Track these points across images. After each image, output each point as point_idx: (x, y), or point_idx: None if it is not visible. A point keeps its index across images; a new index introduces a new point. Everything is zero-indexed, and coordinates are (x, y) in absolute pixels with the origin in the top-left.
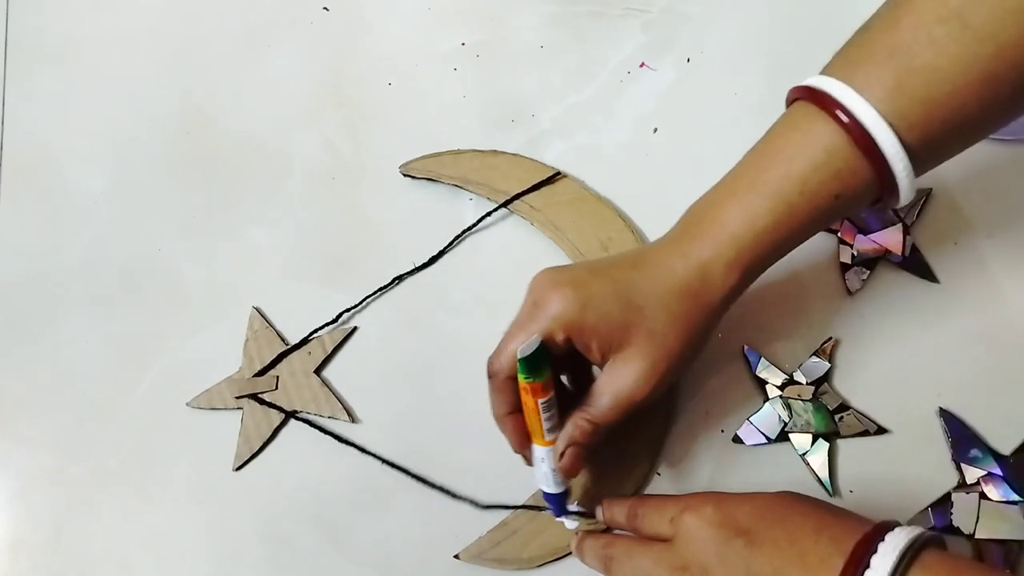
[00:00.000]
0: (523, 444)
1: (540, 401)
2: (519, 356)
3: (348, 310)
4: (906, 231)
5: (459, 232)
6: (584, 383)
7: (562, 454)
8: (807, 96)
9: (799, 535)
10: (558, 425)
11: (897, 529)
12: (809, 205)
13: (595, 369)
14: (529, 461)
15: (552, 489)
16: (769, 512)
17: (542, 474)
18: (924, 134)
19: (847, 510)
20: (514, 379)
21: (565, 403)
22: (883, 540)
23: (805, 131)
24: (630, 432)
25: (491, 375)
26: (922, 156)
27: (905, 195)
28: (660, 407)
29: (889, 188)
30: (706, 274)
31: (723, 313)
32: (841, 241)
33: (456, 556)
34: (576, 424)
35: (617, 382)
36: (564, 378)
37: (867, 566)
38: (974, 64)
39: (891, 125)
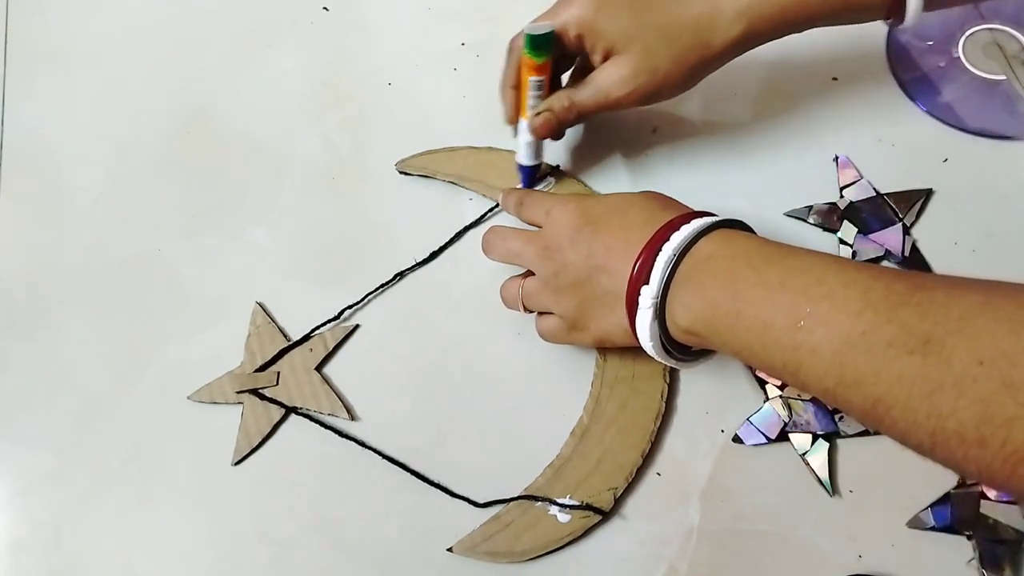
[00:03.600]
0: (515, 116)
1: (531, 79)
2: (527, 33)
3: (350, 307)
4: (906, 231)
5: (459, 229)
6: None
7: (538, 114)
8: None
9: (632, 222)
10: None
11: (705, 217)
12: None
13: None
14: (516, 132)
15: (526, 161)
16: (617, 207)
17: (521, 146)
18: None
19: (690, 208)
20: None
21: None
22: (688, 223)
23: None
24: (624, 428)
25: (510, 49)
26: None
27: (912, 8)
28: (655, 406)
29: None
30: (715, 16)
31: (719, 63)
32: (841, 241)
33: (449, 549)
34: (559, 97)
35: (603, 76)
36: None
37: (666, 240)
38: None
39: None
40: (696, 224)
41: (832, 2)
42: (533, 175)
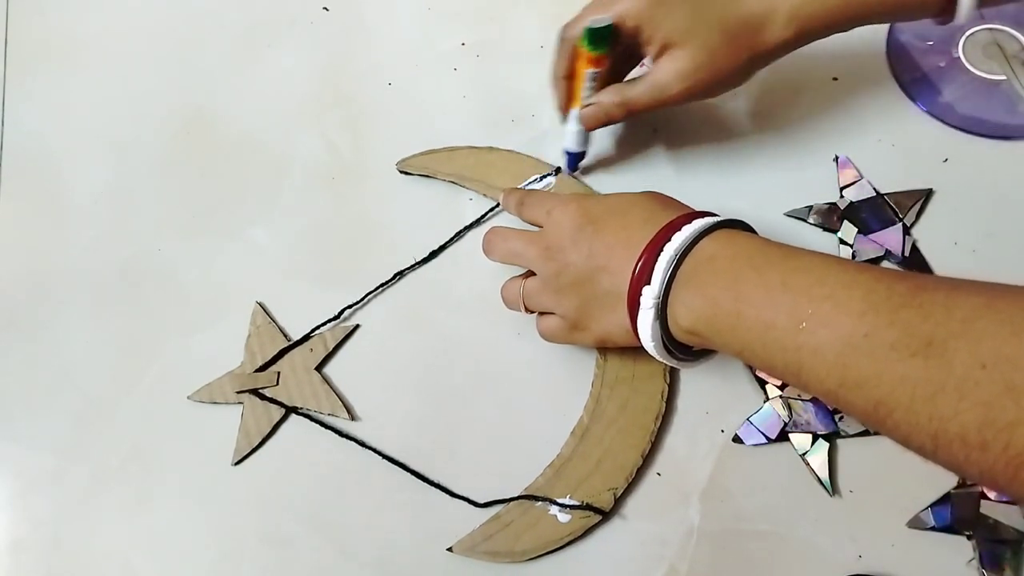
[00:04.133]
0: (567, 105)
1: (588, 71)
2: (587, 26)
3: (350, 307)
4: (906, 231)
5: (459, 229)
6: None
7: (588, 106)
8: None
9: (633, 222)
10: None
11: (707, 217)
12: None
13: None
14: (565, 120)
15: (574, 148)
16: (618, 207)
17: (569, 133)
18: None
19: (691, 208)
20: (577, 48)
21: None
22: (689, 223)
23: None
24: (625, 428)
25: (562, 39)
26: None
27: (965, 2)
28: (655, 405)
29: None
30: (769, 15)
31: (771, 59)
32: (841, 241)
33: (449, 549)
34: (610, 91)
35: (659, 71)
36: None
37: (668, 240)
38: None
39: None
40: (698, 224)
41: (886, 1)
42: (577, 161)
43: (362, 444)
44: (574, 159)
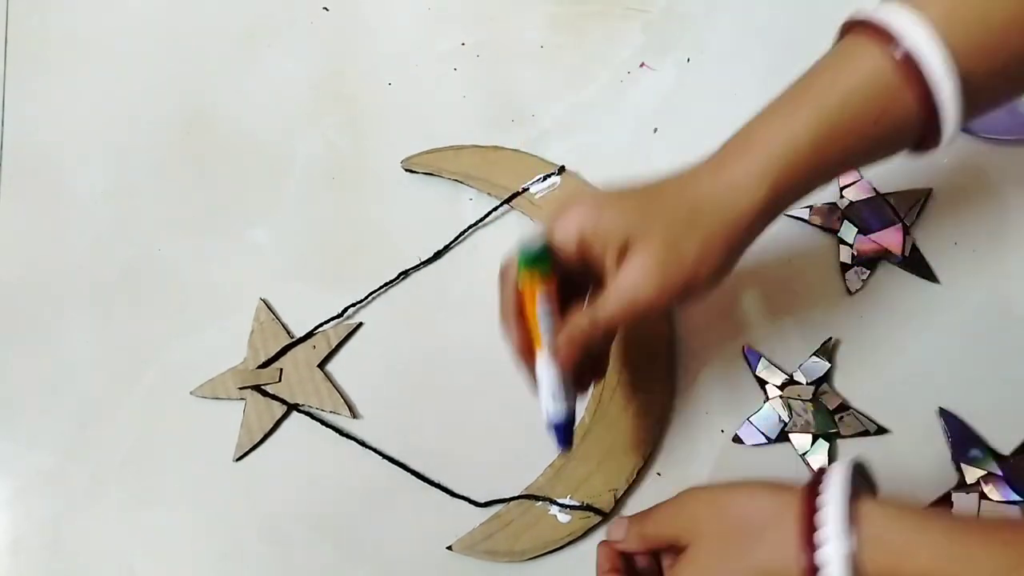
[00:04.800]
0: (525, 349)
1: (540, 304)
2: (519, 251)
3: (353, 305)
4: (906, 231)
5: (463, 228)
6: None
7: (559, 348)
8: (856, 25)
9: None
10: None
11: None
12: (848, 126)
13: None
14: (534, 378)
15: (552, 408)
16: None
17: (543, 394)
18: (973, 63)
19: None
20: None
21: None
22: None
23: (849, 54)
24: (625, 428)
25: (502, 274)
26: (969, 87)
27: (948, 130)
28: (656, 406)
29: (931, 122)
30: (735, 187)
31: (750, 238)
32: (841, 241)
33: (449, 547)
34: (578, 320)
35: (624, 279)
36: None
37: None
38: None
39: (940, 50)
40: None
41: (858, 136)
42: (569, 431)
43: (362, 444)
44: (563, 430)
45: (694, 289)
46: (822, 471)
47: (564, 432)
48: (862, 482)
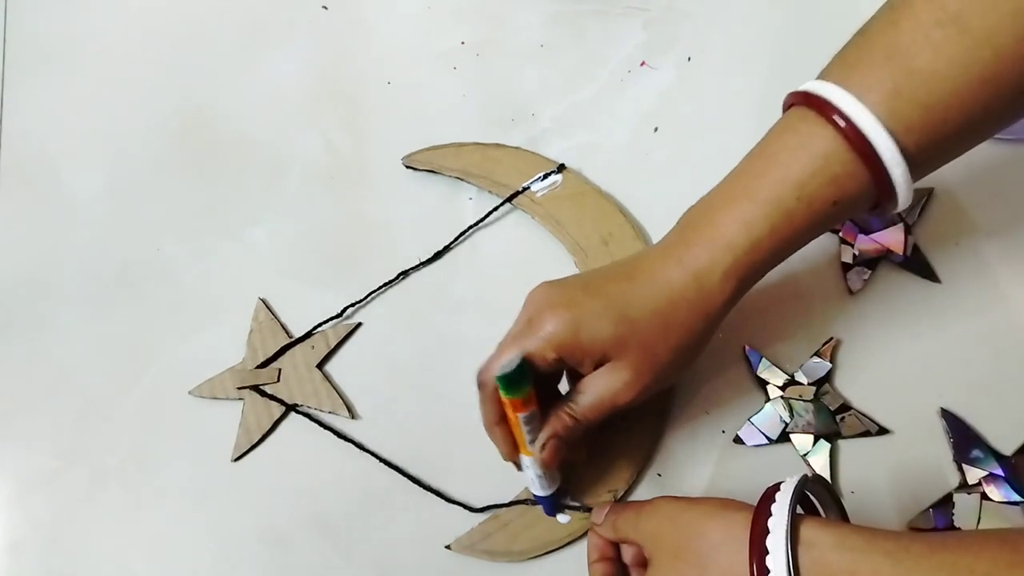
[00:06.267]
0: (511, 453)
1: (520, 415)
2: (496, 375)
3: (352, 304)
4: (908, 231)
5: (463, 228)
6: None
7: (543, 446)
8: (804, 101)
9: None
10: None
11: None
12: (807, 211)
13: None
14: (519, 467)
15: (540, 492)
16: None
17: (530, 479)
18: (922, 138)
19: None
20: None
21: (560, 402)
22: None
23: (802, 135)
24: (625, 429)
25: (480, 386)
26: (920, 160)
27: (903, 200)
28: (656, 406)
29: (887, 193)
30: (702, 284)
31: (720, 321)
32: (842, 241)
33: (447, 547)
34: (559, 417)
35: (602, 385)
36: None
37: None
38: (973, 67)
39: (888, 129)
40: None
41: (817, 216)
42: (554, 502)
43: (360, 447)
44: (549, 501)
45: (667, 382)
46: (775, 488)
47: (551, 505)
48: (824, 495)
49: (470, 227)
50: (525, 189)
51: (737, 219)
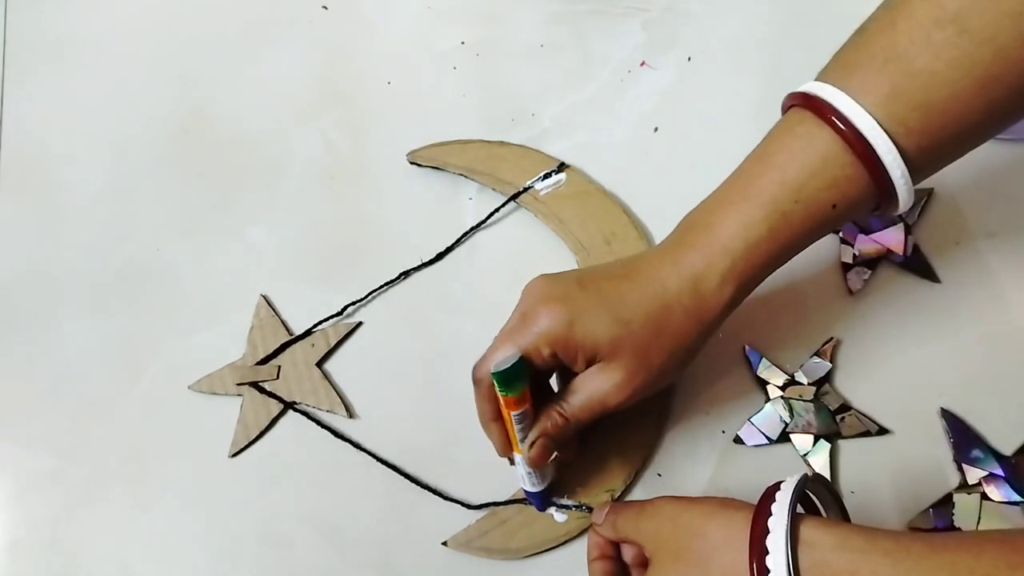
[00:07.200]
0: (507, 449)
1: (513, 413)
2: (493, 371)
3: (353, 303)
4: (908, 231)
5: (463, 227)
6: (571, 380)
7: (532, 444)
8: (803, 103)
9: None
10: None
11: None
12: (805, 214)
13: None
14: (513, 463)
15: (531, 488)
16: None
17: (520, 476)
18: (922, 140)
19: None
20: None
21: (552, 397)
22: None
23: (801, 138)
24: (624, 428)
25: (476, 382)
26: (920, 162)
27: (904, 202)
28: (656, 406)
29: (887, 196)
30: (699, 288)
31: (717, 326)
32: (843, 241)
33: (444, 543)
34: (549, 416)
35: (593, 385)
36: (553, 377)
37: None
38: (972, 68)
39: (888, 131)
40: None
41: (816, 220)
42: (545, 497)
43: (357, 446)
44: (539, 497)
45: (660, 385)
46: (776, 488)
47: (541, 500)
48: (825, 494)
49: (473, 227)
50: (529, 187)
51: (735, 222)
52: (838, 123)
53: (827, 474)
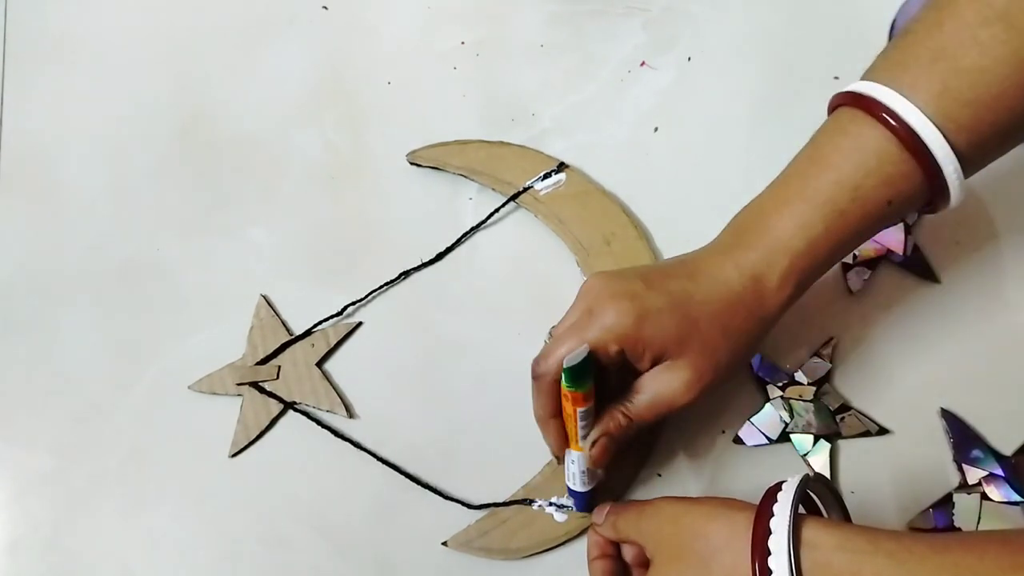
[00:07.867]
0: (562, 447)
1: (579, 410)
2: (565, 365)
3: (353, 303)
4: (907, 231)
5: (462, 227)
6: (630, 381)
7: (594, 443)
8: (852, 102)
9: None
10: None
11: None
12: (861, 211)
13: None
14: (561, 461)
15: (581, 488)
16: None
17: (571, 474)
18: (972, 136)
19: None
20: (559, 383)
21: (609, 397)
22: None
23: (854, 137)
24: None
25: (536, 377)
26: (971, 158)
27: (956, 198)
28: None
29: (940, 192)
30: (760, 286)
31: (774, 324)
32: None
33: (444, 543)
34: (613, 416)
35: (661, 385)
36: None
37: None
38: (1021, 63)
39: (940, 128)
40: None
41: (872, 218)
42: (593, 498)
43: (357, 446)
44: (585, 498)
45: (726, 379)
46: (777, 488)
47: (586, 502)
48: (826, 494)
49: (473, 227)
50: (529, 187)
51: (793, 222)
52: (891, 120)
53: (827, 474)
